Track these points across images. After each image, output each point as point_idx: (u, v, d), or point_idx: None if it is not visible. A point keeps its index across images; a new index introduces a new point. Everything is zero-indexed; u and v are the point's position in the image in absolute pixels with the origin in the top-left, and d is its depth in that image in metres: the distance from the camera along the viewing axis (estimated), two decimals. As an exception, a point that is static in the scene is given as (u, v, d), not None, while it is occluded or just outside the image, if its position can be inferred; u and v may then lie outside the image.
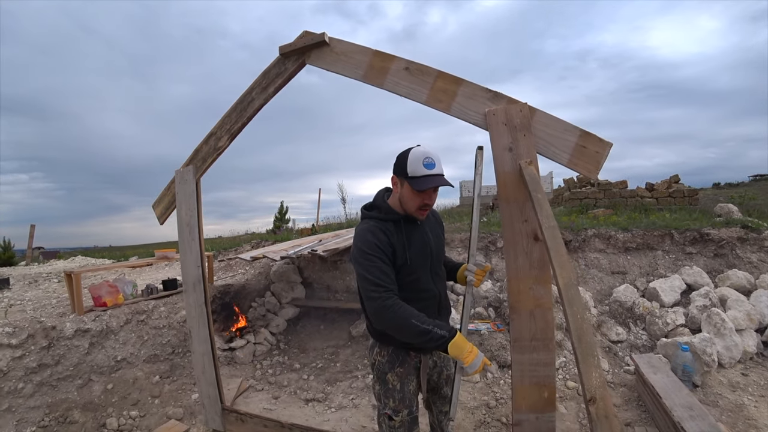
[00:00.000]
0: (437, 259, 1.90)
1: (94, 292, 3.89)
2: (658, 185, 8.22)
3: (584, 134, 1.77)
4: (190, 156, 2.55)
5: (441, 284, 1.94)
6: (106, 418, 3.17)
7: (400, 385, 1.86)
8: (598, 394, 1.01)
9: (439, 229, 2.00)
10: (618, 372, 3.47)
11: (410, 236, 1.80)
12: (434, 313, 1.86)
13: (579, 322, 1.11)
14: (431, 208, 1.80)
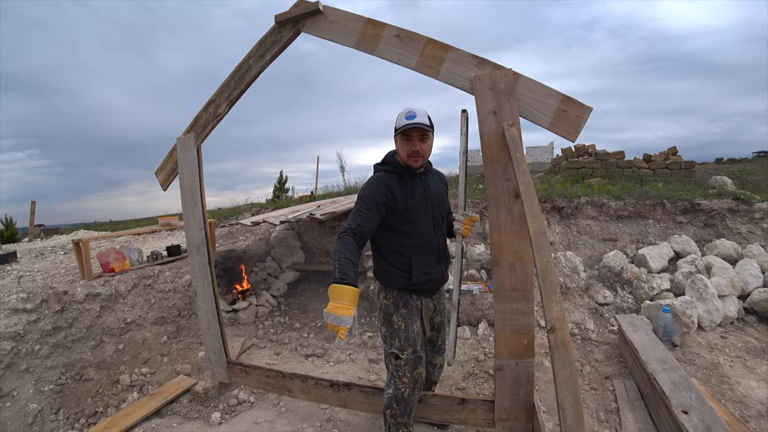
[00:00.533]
0: (438, 210, 2.09)
1: (101, 259, 4.05)
2: (656, 156, 8.26)
3: (565, 99, 1.86)
4: (191, 123, 2.65)
5: (441, 235, 2.12)
6: (119, 375, 3.37)
7: (404, 325, 2.01)
8: (557, 324, 1.15)
9: (442, 185, 2.20)
10: (602, 332, 3.64)
11: (413, 187, 2.01)
12: (434, 260, 2.07)
13: (545, 264, 1.24)
14: (422, 155, 1.97)
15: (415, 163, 1.99)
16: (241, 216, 6.90)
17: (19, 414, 2.85)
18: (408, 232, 2.00)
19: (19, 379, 3.03)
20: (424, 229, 2.03)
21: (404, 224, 1.99)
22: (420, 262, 2.02)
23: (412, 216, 1.98)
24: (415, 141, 1.94)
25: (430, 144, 2.01)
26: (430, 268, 2.06)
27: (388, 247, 2.06)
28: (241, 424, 2.71)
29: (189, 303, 4.21)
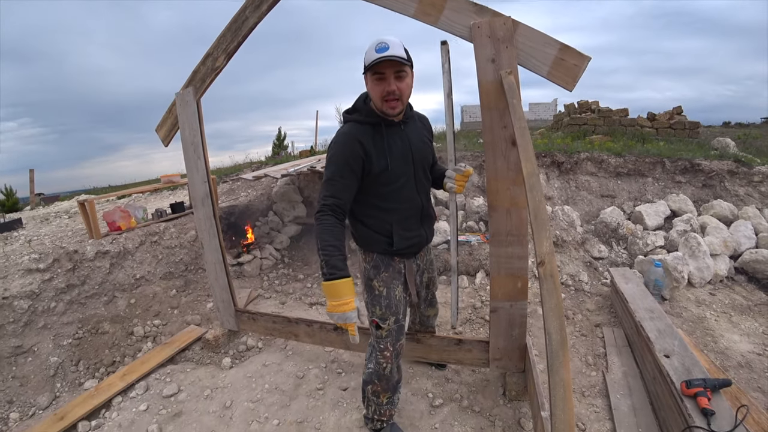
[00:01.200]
0: (421, 165, 1.81)
1: (107, 218, 4.13)
2: (660, 116, 8.18)
3: (564, 47, 1.85)
4: (189, 77, 2.65)
5: (425, 193, 1.87)
6: (133, 327, 3.52)
7: (386, 291, 1.83)
8: (546, 258, 1.22)
9: (426, 133, 1.89)
10: (596, 284, 3.76)
11: (391, 141, 1.69)
12: (417, 223, 1.84)
13: (537, 203, 1.30)
14: (399, 98, 1.61)
15: (392, 110, 1.63)
16: (242, 173, 6.97)
17: (41, 367, 2.99)
18: (386, 194, 1.73)
19: (38, 335, 3.16)
20: (405, 191, 1.76)
21: (381, 186, 1.71)
22: (401, 227, 1.80)
23: (391, 177, 1.69)
24: (390, 79, 1.56)
25: (408, 83, 1.63)
26: (413, 232, 1.84)
27: (365, 212, 1.81)
28: (251, 366, 2.87)
29: (195, 258, 4.34)
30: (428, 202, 1.90)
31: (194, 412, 2.47)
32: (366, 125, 1.68)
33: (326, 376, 2.70)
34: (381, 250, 1.83)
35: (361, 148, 1.63)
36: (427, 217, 1.90)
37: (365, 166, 1.65)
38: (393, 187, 1.73)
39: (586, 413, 2.22)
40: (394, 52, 1.51)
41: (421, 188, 1.83)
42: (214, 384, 2.70)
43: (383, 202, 1.74)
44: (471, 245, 4.09)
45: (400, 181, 1.73)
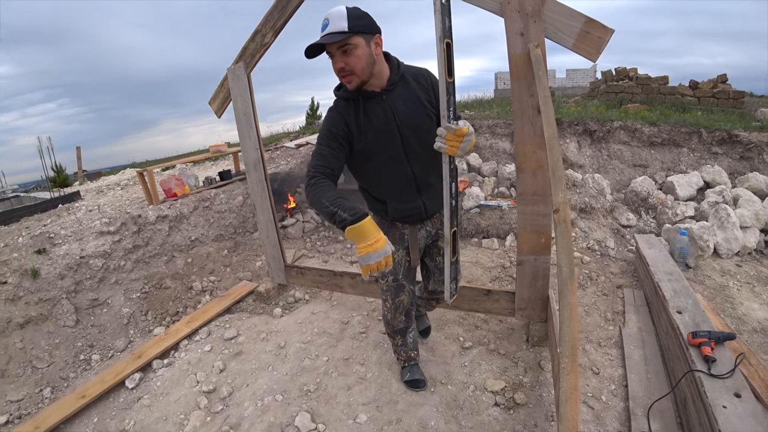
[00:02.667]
0: (413, 131, 1.65)
1: (164, 185, 4.55)
2: (703, 84, 7.84)
3: (589, 21, 1.98)
4: (239, 53, 2.91)
5: (419, 163, 1.71)
6: (192, 282, 3.94)
7: None
8: (560, 207, 1.44)
9: (421, 93, 1.67)
10: (622, 250, 3.88)
11: (370, 114, 1.61)
12: (412, 194, 1.76)
13: (555, 162, 1.51)
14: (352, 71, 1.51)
15: (349, 84, 1.55)
16: (280, 142, 7.31)
17: (115, 317, 3.44)
18: (373, 168, 1.70)
19: (111, 290, 3.60)
20: (392, 163, 1.68)
21: (367, 161, 1.67)
22: (395, 200, 1.77)
23: (372, 151, 1.64)
24: (336, 56, 1.49)
25: (359, 54, 1.48)
26: (408, 203, 1.78)
27: (363, 182, 1.84)
28: (300, 315, 3.24)
29: (243, 222, 4.73)
30: (428, 168, 1.73)
31: (253, 351, 2.85)
32: (348, 101, 1.63)
33: (368, 322, 3.02)
34: (381, 213, 1.85)
35: (343, 121, 1.61)
36: (426, 186, 1.77)
37: (350, 139, 1.62)
38: (378, 161, 1.67)
39: (601, 360, 2.44)
40: (333, 28, 1.43)
41: (413, 158, 1.69)
42: (268, 329, 3.08)
43: (372, 174, 1.74)
44: (502, 209, 4.31)
45: (384, 154, 1.66)
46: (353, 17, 1.45)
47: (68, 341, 3.15)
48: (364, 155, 1.65)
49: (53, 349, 3.08)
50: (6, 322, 3.05)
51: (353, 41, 1.45)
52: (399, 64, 1.67)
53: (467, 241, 4.34)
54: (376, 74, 1.58)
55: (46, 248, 3.56)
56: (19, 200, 10.07)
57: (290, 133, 9.08)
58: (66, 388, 2.85)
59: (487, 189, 4.78)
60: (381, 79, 1.60)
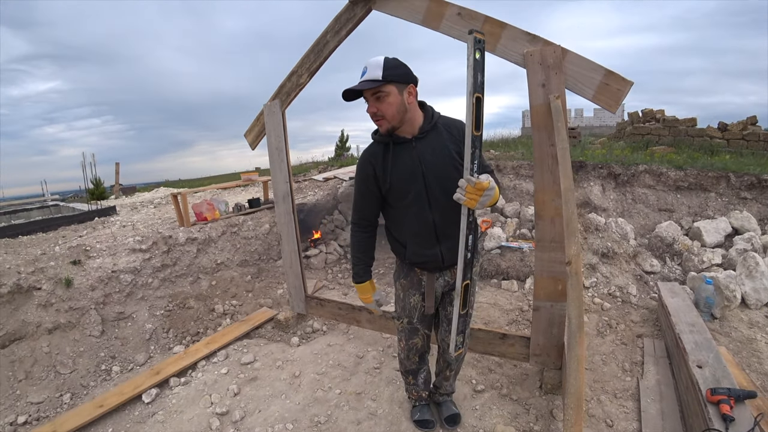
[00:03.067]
0: (437, 179, 1.70)
1: (196, 209, 4.76)
2: (732, 126, 7.72)
3: (608, 73, 2.06)
4: (276, 91, 3.10)
5: (441, 212, 1.74)
6: (214, 305, 4.06)
7: (402, 294, 1.98)
8: (573, 259, 1.48)
9: (451, 144, 1.72)
10: (644, 297, 3.80)
11: (397, 159, 1.71)
12: (431, 242, 1.79)
13: (570, 215, 1.56)
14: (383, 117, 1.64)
15: (381, 128, 1.69)
16: (309, 173, 7.54)
17: (138, 332, 3.57)
18: (397, 211, 1.81)
19: (137, 305, 3.75)
20: (414, 208, 1.74)
21: (392, 203, 1.79)
22: (414, 244, 1.82)
23: (396, 194, 1.74)
24: (370, 102, 1.63)
25: (391, 102, 1.60)
26: (427, 249, 1.81)
27: (389, 223, 1.93)
28: (316, 345, 3.28)
29: (268, 249, 4.87)
30: (448, 220, 1.74)
31: (267, 378, 2.90)
32: (379, 144, 1.76)
33: (383, 358, 3.05)
34: (402, 257, 1.93)
35: (372, 167, 1.75)
36: (446, 235, 1.77)
37: (378, 184, 1.76)
38: (401, 204, 1.76)
39: (616, 412, 2.38)
40: (368, 76, 1.57)
41: (435, 206, 1.73)
42: (284, 357, 3.13)
43: (396, 217, 1.83)
44: (523, 251, 4.30)
45: (407, 198, 1.73)
46: (388, 67, 1.57)
47: (92, 350, 3.29)
48: (389, 198, 1.77)
49: (77, 357, 3.21)
50: (36, 326, 3.22)
51: (386, 89, 1.58)
52: (433, 114, 1.76)
53: (487, 282, 4.33)
54: (408, 121, 1.68)
55: (81, 260, 3.76)
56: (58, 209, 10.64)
57: (319, 163, 9.35)
58: (85, 395, 2.96)
59: (509, 230, 4.79)
60: (413, 127, 1.70)
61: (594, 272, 4.03)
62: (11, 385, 2.93)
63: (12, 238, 5.22)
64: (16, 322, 3.19)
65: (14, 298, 3.28)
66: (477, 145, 1.51)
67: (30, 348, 3.13)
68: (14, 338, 3.15)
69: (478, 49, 1.50)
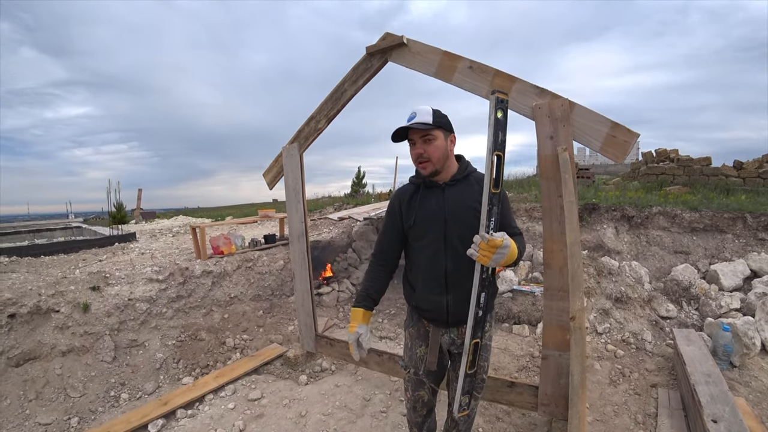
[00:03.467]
0: (457, 226, 1.74)
1: (213, 242, 4.87)
2: (747, 164, 7.63)
3: (614, 125, 2.12)
4: (294, 135, 3.24)
5: (455, 260, 1.75)
6: (225, 338, 4.10)
7: (410, 344, 1.96)
8: (577, 315, 1.50)
9: (478, 196, 1.72)
10: (659, 344, 3.70)
11: (424, 200, 1.79)
12: (439, 288, 1.78)
13: (576, 269, 1.58)
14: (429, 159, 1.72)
15: (424, 170, 1.75)
16: (325, 210, 7.67)
17: (149, 360, 3.62)
18: (415, 250, 1.85)
19: (149, 333, 3.82)
20: (430, 250, 1.78)
21: (412, 241, 1.85)
22: (423, 288, 1.83)
23: (416, 233, 1.80)
24: (418, 143, 1.72)
25: (438, 145, 1.71)
26: (433, 296, 1.80)
27: (407, 262, 1.95)
28: (324, 385, 3.28)
29: (281, 285, 4.92)
30: (462, 269, 1.74)
31: (274, 415, 2.90)
32: (412, 185, 1.87)
33: (390, 401, 3.02)
34: (410, 304, 1.95)
35: (399, 204, 1.86)
36: (456, 285, 1.76)
37: (401, 221, 1.84)
38: (420, 244, 1.81)
39: (628, 468, 2.32)
40: (420, 119, 1.67)
41: (451, 253, 1.75)
42: (291, 395, 3.13)
43: (413, 257, 1.87)
44: (535, 296, 4.27)
45: (427, 239, 1.78)
46: (437, 115, 1.70)
47: (103, 376, 3.34)
48: (410, 235, 1.83)
49: (88, 381, 3.27)
50: (51, 348, 3.30)
51: (435, 133, 1.69)
52: (468, 167, 1.84)
53: (497, 326, 4.29)
54: (446, 168, 1.78)
55: (100, 286, 3.86)
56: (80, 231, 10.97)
57: (335, 199, 9.51)
58: (93, 420, 3.00)
59: (521, 273, 4.77)
60: (447, 174, 1.79)
61: (607, 317, 3.97)
62: (21, 404, 2.99)
63: (35, 257, 5.40)
64: (33, 342, 3.28)
65: (33, 318, 3.39)
66: (494, 203, 1.54)
67: (43, 369, 3.20)
68: (29, 358, 3.24)
69: (500, 108, 1.56)
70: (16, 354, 3.19)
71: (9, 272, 4.54)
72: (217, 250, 4.83)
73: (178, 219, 13.77)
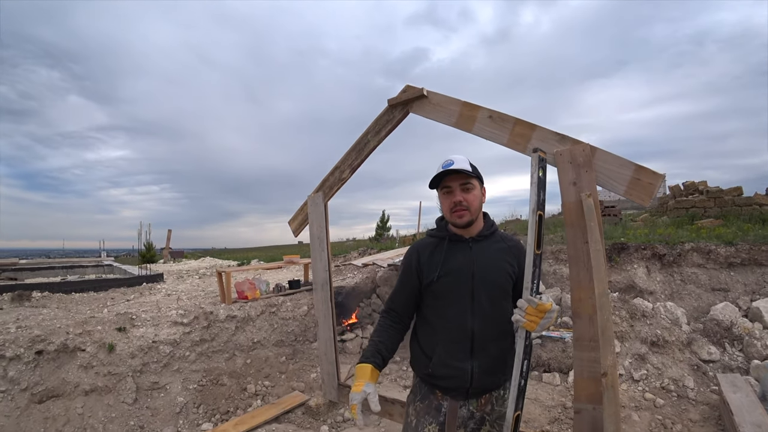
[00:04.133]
0: (484, 286, 1.58)
1: (238, 287, 4.94)
2: (783, 191, 7.40)
3: (638, 168, 2.09)
4: (319, 184, 3.31)
5: (483, 321, 1.58)
6: (247, 384, 4.07)
7: (415, 422, 1.68)
8: (609, 371, 1.44)
9: (507, 256, 1.65)
10: (703, 391, 3.50)
11: (450, 255, 1.63)
12: (463, 353, 1.57)
13: (605, 321, 1.54)
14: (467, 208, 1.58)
15: (460, 219, 1.59)
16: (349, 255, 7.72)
17: (170, 404, 3.60)
18: (435, 308, 1.65)
19: (171, 376, 3.83)
20: (454, 309, 1.59)
21: (431, 299, 1.65)
22: (444, 351, 1.60)
23: (440, 290, 1.61)
24: (456, 191, 1.58)
25: (476, 195, 1.60)
26: (456, 362, 1.57)
27: (419, 325, 1.76)
28: (347, 437, 3.18)
29: (304, 330, 4.90)
30: (489, 333, 1.59)
31: (295, 470, 2.82)
32: (434, 238, 1.71)
33: (415, 455, 2.89)
34: (421, 374, 1.70)
35: (417, 259, 1.68)
36: (482, 350, 1.58)
37: (420, 276, 1.66)
38: (441, 303, 1.63)
39: None
40: (459, 166, 1.55)
41: (478, 312, 1.58)
42: (313, 448, 3.05)
43: (431, 316, 1.66)
44: (565, 341, 4.11)
45: (449, 297, 1.60)
46: (472, 165, 1.61)
47: (122, 417, 3.33)
48: (430, 292, 1.63)
49: (108, 422, 3.26)
50: (74, 386, 3.32)
51: (473, 182, 1.58)
52: (493, 224, 1.74)
53: (526, 374, 4.09)
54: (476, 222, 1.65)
55: (126, 327, 3.91)
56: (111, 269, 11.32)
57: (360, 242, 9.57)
58: None
59: (549, 318, 4.60)
60: (475, 229, 1.66)
61: (644, 363, 3.77)
62: (41, 442, 2.97)
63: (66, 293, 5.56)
64: (57, 379, 3.31)
65: (59, 356, 3.44)
66: (537, 264, 1.49)
67: (65, 407, 3.22)
68: (52, 395, 3.27)
69: (541, 167, 1.55)
70: (40, 390, 3.23)
71: (40, 307, 4.69)
72: (241, 295, 4.88)
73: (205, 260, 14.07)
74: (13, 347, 3.29)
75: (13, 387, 3.18)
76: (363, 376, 1.53)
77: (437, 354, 1.60)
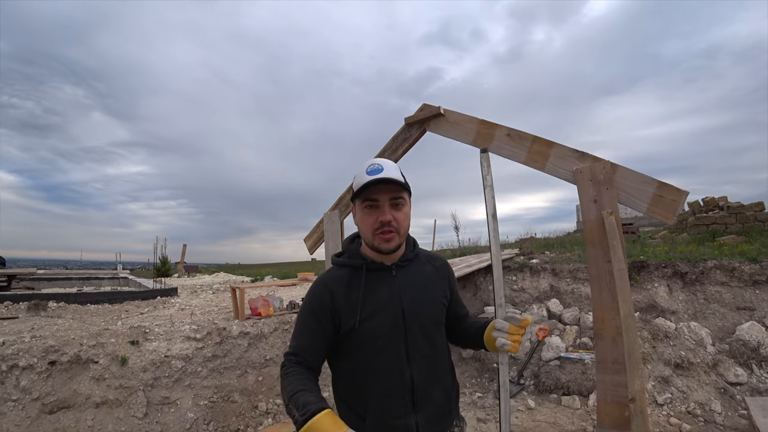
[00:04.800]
0: (421, 326, 1.26)
1: (252, 304, 4.93)
2: (806, 207, 7.20)
3: (661, 185, 2.07)
4: (335, 202, 3.33)
5: (422, 366, 1.25)
6: (258, 402, 4.02)
7: None
8: (638, 396, 1.39)
9: (440, 282, 1.37)
10: (731, 415, 3.36)
11: (372, 290, 1.25)
12: (404, 408, 1.21)
13: (632, 344, 1.49)
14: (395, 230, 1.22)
15: (387, 244, 1.22)
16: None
17: (180, 420, 3.56)
18: (356, 364, 1.24)
19: (183, 391, 3.78)
20: (385, 360, 1.22)
21: (353, 351, 1.24)
22: (379, 410, 1.21)
23: (364, 337, 1.21)
24: (384, 207, 1.21)
25: (407, 213, 1.25)
26: (399, 419, 1.21)
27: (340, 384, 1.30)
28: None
29: (318, 347, 4.85)
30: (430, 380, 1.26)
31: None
32: (345, 269, 1.30)
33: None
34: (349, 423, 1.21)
35: (330, 297, 1.24)
36: (426, 400, 1.25)
37: (336, 322, 1.23)
38: (367, 353, 1.22)
39: None
40: (390, 174, 1.19)
41: (416, 357, 1.24)
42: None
43: (356, 372, 1.24)
44: (584, 363, 3.99)
45: (378, 344, 1.22)
46: (404, 176, 1.25)
47: (132, 431, 3.29)
48: (351, 342, 1.23)
49: None
50: (85, 398, 3.30)
51: (405, 197, 1.24)
52: (415, 242, 1.40)
53: (545, 397, 4.00)
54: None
55: (139, 341, 3.89)
56: (126, 281, 11.48)
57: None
58: None
59: (568, 339, 4.49)
60: (397, 253, 1.29)
61: (668, 386, 3.64)
62: (50, 453, 2.95)
63: (81, 305, 5.60)
64: (69, 391, 3.30)
65: (72, 367, 3.43)
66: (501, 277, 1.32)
67: (75, 419, 3.19)
68: (63, 406, 3.25)
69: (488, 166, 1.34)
70: (51, 401, 3.22)
71: (56, 318, 4.72)
72: (255, 312, 4.87)
73: (219, 275, 14.16)
74: (27, 357, 3.30)
75: (24, 396, 3.18)
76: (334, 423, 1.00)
77: (371, 413, 1.21)
